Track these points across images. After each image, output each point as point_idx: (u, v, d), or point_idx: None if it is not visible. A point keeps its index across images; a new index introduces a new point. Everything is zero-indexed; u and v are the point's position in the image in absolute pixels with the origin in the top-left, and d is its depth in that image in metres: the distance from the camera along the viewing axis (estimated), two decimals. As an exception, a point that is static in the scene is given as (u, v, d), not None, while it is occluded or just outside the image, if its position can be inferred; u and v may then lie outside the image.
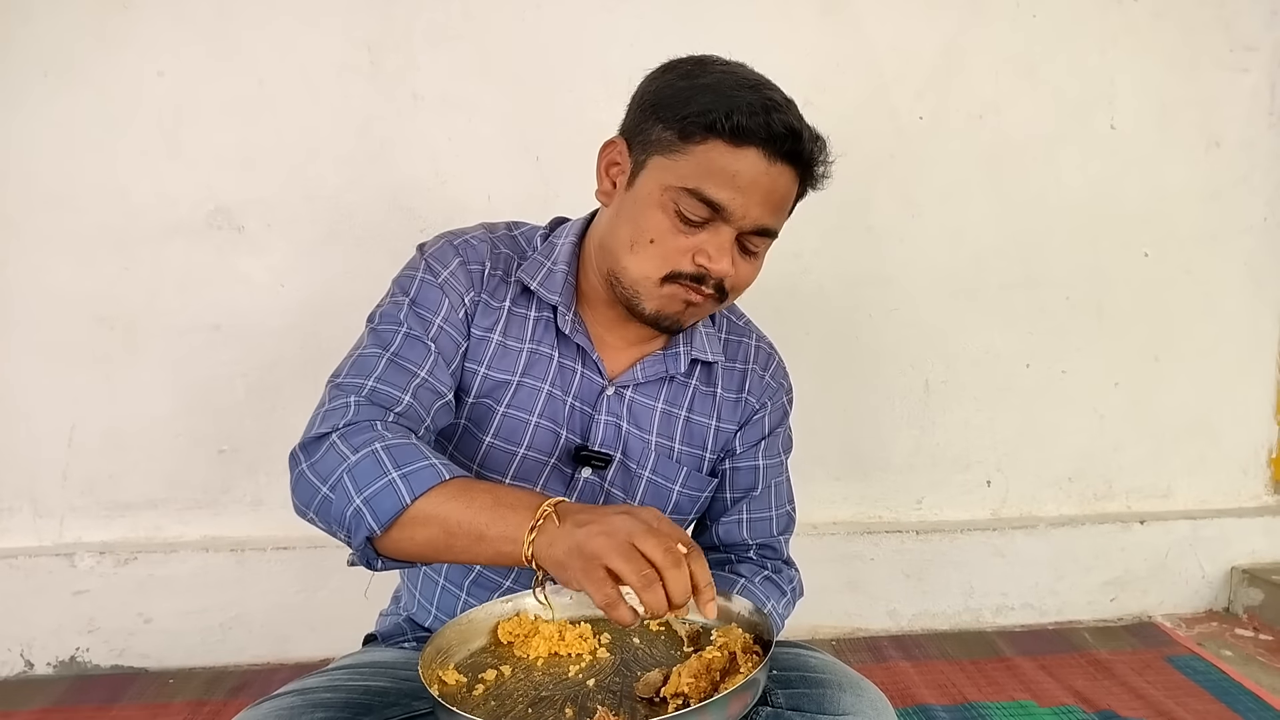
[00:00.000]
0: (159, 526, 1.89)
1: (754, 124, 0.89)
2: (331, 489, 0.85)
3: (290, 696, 0.88)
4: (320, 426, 0.89)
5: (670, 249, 0.95)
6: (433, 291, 1.01)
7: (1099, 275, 2.14)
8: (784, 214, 0.98)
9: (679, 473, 1.10)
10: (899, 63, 2.00)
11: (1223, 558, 2.21)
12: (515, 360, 1.04)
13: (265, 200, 1.84)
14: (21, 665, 1.82)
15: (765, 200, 0.93)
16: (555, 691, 0.83)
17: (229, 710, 1.67)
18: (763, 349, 1.18)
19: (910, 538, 2.10)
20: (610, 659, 0.89)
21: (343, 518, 0.84)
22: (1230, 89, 2.12)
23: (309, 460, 0.88)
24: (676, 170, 0.92)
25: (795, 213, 1.01)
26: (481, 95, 1.87)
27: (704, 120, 0.90)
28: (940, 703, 1.72)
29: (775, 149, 0.90)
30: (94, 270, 1.80)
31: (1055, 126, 2.07)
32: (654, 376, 1.08)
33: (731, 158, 0.90)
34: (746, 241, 0.96)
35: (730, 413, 1.13)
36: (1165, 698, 1.74)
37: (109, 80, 1.76)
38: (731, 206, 0.92)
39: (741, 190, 0.91)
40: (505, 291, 1.05)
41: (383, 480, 0.83)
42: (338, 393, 0.93)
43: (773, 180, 0.92)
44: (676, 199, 0.92)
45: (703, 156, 0.91)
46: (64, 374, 1.82)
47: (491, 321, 1.04)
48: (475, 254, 1.05)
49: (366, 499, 0.83)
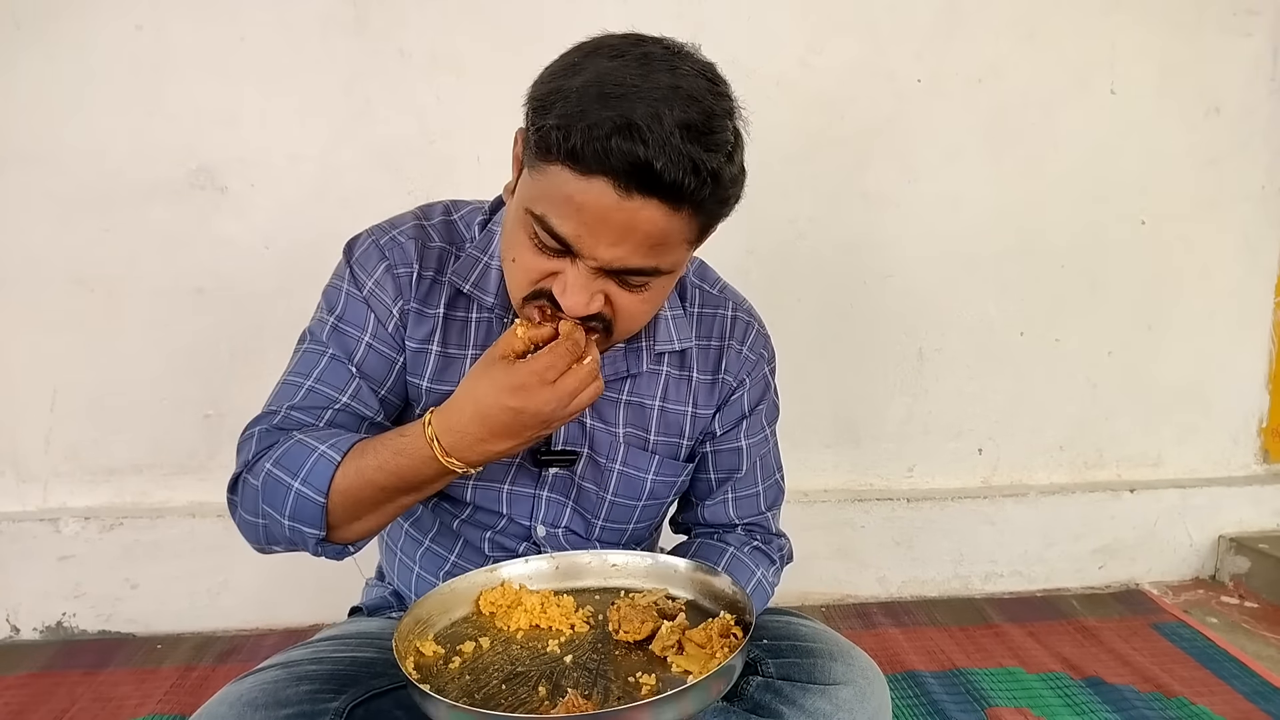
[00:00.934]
0: (144, 492, 1.88)
1: (590, 151, 0.73)
2: (264, 519, 0.88)
3: (275, 670, 0.87)
4: (236, 467, 0.92)
5: (530, 268, 0.84)
6: (357, 307, 0.96)
7: (1095, 243, 2.12)
8: (666, 249, 0.81)
9: (652, 462, 1.05)
10: (896, 24, 1.95)
11: (1211, 526, 2.22)
12: (459, 369, 0.98)
13: (248, 160, 1.79)
14: (8, 630, 1.81)
15: (623, 239, 0.78)
16: (531, 667, 0.82)
17: (217, 675, 1.67)
18: (740, 319, 1.09)
19: (901, 505, 2.10)
20: (589, 633, 0.88)
21: (287, 539, 0.88)
22: (1231, 54, 2.09)
23: (238, 499, 0.91)
24: (531, 190, 0.81)
25: (789, 178, 0.98)
26: (471, 53, 1.82)
27: (548, 139, 0.76)
28: (929, 669, 1.73)
29: (625, 181, 0.74)
30: (73, 231, 1.76)
31: (1055, 91, 2.03)
32: (615, 375, 1.02)
33: (576, 186, 0.76)
34: (624, 278, 0.83)
35: (707, 396, 1.07)
36: (1151, 664, 1.75)
37: (85, 34, 1.71)
38: (578, 245, 0.79)
39: (588, 226, 0.78)
40: (439, 295, 0.97)
41: (290, 494, 0.85)
42: (250, 426, 0.94)
43: (629, 216, 0.76)
44: (530, 223, 0.81)
45: (551, 181, 0.78)
46: (45, 337, 1.79)
47: (426, 331, 0.97)
48: (402, 255, 0.96)
49: (290, 515, 0.86)
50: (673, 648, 0.82)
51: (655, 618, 0.85)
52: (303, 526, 0.85)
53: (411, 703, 0.74)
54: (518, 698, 0.77)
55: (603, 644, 0.86)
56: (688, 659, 0.81)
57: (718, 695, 0.78)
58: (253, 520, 0.89)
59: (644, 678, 0.79)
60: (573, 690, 0.75)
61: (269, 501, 0.86)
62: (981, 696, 1.63)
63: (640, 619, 0.84)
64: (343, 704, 0.83)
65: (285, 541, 0.89)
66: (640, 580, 0.96)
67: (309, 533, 0.85)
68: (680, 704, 0.71)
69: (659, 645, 0.82)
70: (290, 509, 0.85)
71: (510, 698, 0.77)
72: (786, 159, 1.91)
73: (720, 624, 0.83)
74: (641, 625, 0.84)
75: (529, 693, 0.77)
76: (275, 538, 0.89)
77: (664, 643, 0.82)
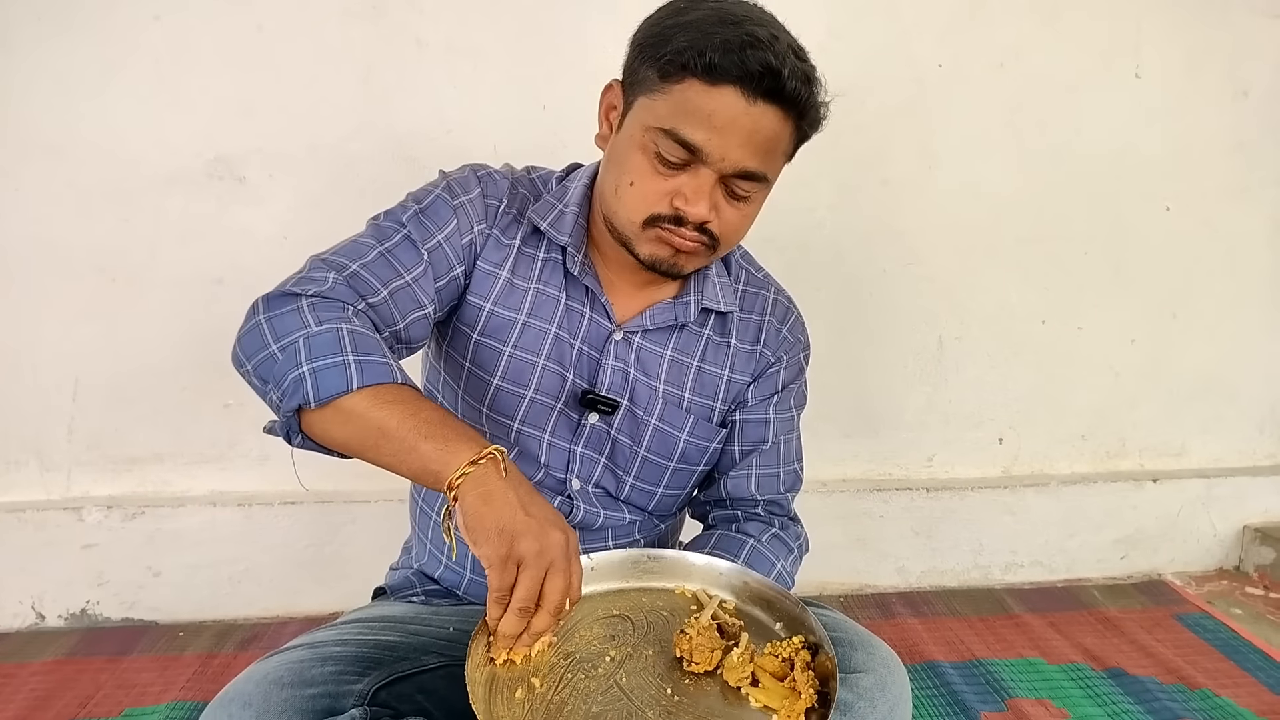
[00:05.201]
0: (166, 481, 1.89)
1: (728, 61, 0.84)
2: (282, 349, 0.83)
3: (301, 650, 0.88)
4: (292, 287, 0.88)
5: (649, 191, 0.92)
6: (445, 209, 1.00)
7: (1118, 229, 2.09)
8: (774, 157, 0.94)
9: (687, 421, 1.08)
10: (917, 8, 1.92)
11: (1235, 516, 2.20)
12: (521, 299, 1.03)
13: (266, 150, 1.79)
14: (33, 617, 1.83)
15: (746, 142, 0.89)
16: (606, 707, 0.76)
17: (239, 662, 1.68)
18: (780, 302, 1.16)
19: (920, 495, 2.09)
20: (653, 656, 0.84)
21: (283, 379, 0.82)
22: (1260, 35, 2.04)
23: (268, 313, 0.86)
24: (655, 111, 0.90)
25: (809, 166, 0.98)
26: (488, 42, 1.81)
27: (680, 59, 0.86)
28: (949, 660, 1.72)
29: (753, 87, 0.85)
30: (93, 221, 1.77)
31: (1078, 75, 2.00)
32: (663, 324, 1.06)
33: (707, 97, 0.86)
34: (734, 186, 0.92)
35: (744, 364, 1.12)
36: (1174, 655, 1.74)
37: (104, 24, 1.70)
38: (708, 148, 0.88)
39: (718, 131, 0.87)
40: (516, 230, 1.04)
41: (337, 359, 0.81)
42: (319, 265, 0.91)
43: (754, 121, 0.87)
44: (655, 140, 0.90)
45: (680, 96, 0.88)
46: (66, 328, 1.80)
47: (500, 257, 1.03)
48: (495, 189, 1.04)
49: (315, 369, 0.81)
50: (746, 679, 0.80)
51: (720, 642, 0.83)
52: (312, 385, 0.80)
53: (434, 687, 0.74)
54: None
55: (670, 672, 0.82)
56: (765, 693, 0.79)
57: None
58: (268, 340, 0.84)
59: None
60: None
61: (313, 344, 0.81)
62: (1002, 687, 1.62)
63: (710, 647, 0.82)
64: (366, 686, 0.84)
65: (272, 381, 0.83)
66: (682, 580, 0.95)
67: (309, 393, 0.80)
68: None
69: (732, 676, 0.81)
70: (323, 366, 0.80)
71: None
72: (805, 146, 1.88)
73: (788, 647, 0.82)
74: (712, 654, 0.82)
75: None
76: (269, 370, 0.83)
77: (737, 674, 0.80)
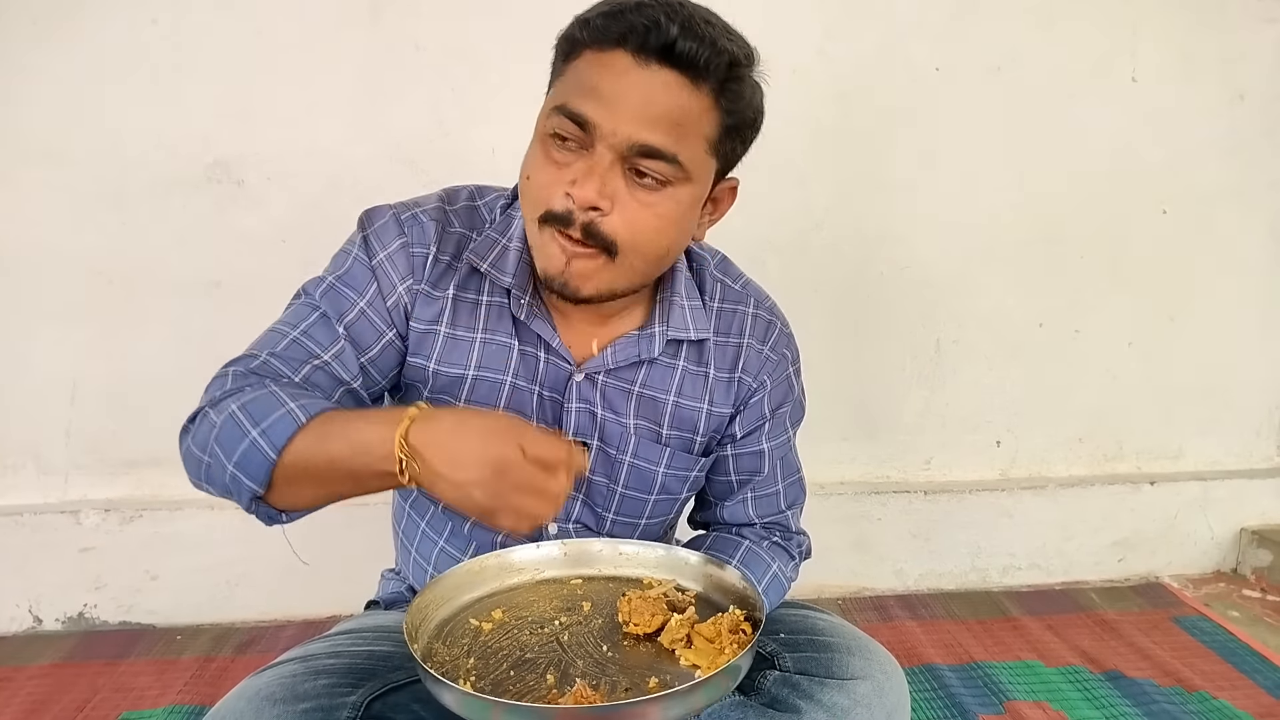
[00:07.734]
0: (163, 484, 1.88)
1: (612, 22, 0.80)
2: (210, 457, 0.82)
3: (293, 664, 0.87)
4: (201, 401, 0.87)
5: (544, 182, 0.85)
6: (362, 273, 0.95)
7: (1115, 233, 2.09)
8: (684, 135, 0.82)
9: (664, 454, 1.03)
10: (914, 11, 1.92)
11: (1232, 519, 2.20)
12: (467, 352, 0.97)
13: (264, 153, 1.79)
14: (30, 621, 1.83)
15: (641, 111, 0.80)
16: (540, 654, 0.81)
17: (237, 666, 1.68)
18: (761, 316, 1.06)
19: (918, 498, 2.09)
20: (600, 623, 0.88)
21: (224, 485, 0.82)
22: (1256, 39, 2.05)
23: (191, 434, 0.86)
24: (554, 95, 0.86)
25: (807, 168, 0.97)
26: (485, 45, 1.81)
27: (573, 34, 0.84)
28: (946, 662, 1.72)
29: (640, 45, 0.79)
30: (91, 225, 1.77)
31: (1075, 78, 2.00)
32: (627, 361, 0.99)
33: (598, 65, 0.82)
34: (638, 165, 0.82)
35: (724, 395, 1.04)
36: (1172, 658, 1.74)
37: (102, 28, 1.71)
38: (597, 118, 0.80)
39: (605, 101, 0.80)
40: (451, 278, 0.96)
41: (245, 441, 0.79)
42: (223, 369, 0.89)
43: (646, 84, 0.80)
44: (549, 124, 0.84)
45: (571, 73, 0.84)
46: (64, 331, 1.80)
47: (435, 313, 0.96)
48: (422, 235, 0.95)
49: (236, 463, 0.80)
50: (681, 641, 0.82)
51: (665, 610, 0.85)
52: (244, 478, 0.79)
53: (429, 696, 0.74)
54: (525, 685, 0.77)
55: (611, 634, 0.86)
56: (696, 653, 0.80)
57: (726, 691, 0.78)
58: (199, 455, 0.83)
59: (651, 674, 0.79)
60: (581, 680, 0.75)
61: (221, 442, 0.81)
62: (1000, 690, 1.62)
63: (650, 611, 0.84)
64: (360, 698, 0.83)
65: (221, 488, 0.83)
66: (650, 570, 0.96)
67: (247, 486, 0.80)
68: (688, 700, 0.71)
69: (667, 638, 0.82)
70: (239, 457, 0.79)
71: (518, 684, 0.77)
72: (803, 149, 1.89)
73: (730, 619, 0.82)
74: (651, 618, 0.84)
75: (537, 680, 0.77)
76: (214, 479, 0.83)
77: (673, 636, 0.82)
